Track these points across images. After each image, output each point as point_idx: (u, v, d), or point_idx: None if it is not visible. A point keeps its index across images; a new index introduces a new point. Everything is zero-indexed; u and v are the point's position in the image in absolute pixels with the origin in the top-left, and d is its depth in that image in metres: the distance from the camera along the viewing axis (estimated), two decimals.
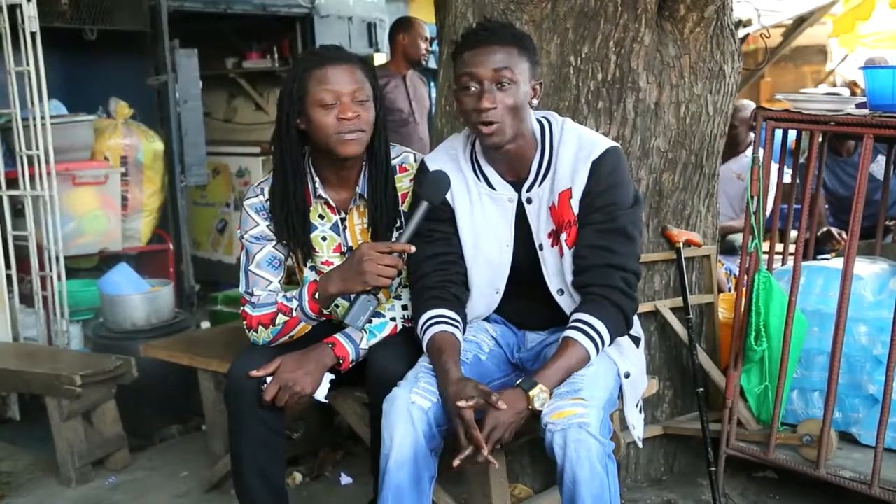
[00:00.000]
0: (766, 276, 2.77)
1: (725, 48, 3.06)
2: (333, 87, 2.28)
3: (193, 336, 3.59)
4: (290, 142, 2.35)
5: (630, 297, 2.21)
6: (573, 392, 2.05)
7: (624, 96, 2.90)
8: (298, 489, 3.16)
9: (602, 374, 2.17)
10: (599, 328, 2.14)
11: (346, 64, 2.31)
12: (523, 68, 2.17)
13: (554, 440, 1.98)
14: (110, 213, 4.58)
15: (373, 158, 2.40)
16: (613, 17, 2.86)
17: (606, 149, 2.22)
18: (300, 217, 2.41)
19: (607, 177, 2.20)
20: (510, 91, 2.15)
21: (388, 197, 2.43)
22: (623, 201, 2.22)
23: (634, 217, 2.27)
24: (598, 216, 2.21)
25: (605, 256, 2.18)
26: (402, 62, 5.20)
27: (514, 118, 2.17)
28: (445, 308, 2.26)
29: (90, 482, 3.37)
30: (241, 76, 7.05)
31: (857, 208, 2.54)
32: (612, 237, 2.20)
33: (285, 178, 2.38)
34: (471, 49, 2.17)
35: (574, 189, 2.22)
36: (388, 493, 2.07)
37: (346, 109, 2.28)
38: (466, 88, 2.17)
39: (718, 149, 3.16)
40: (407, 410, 2.09)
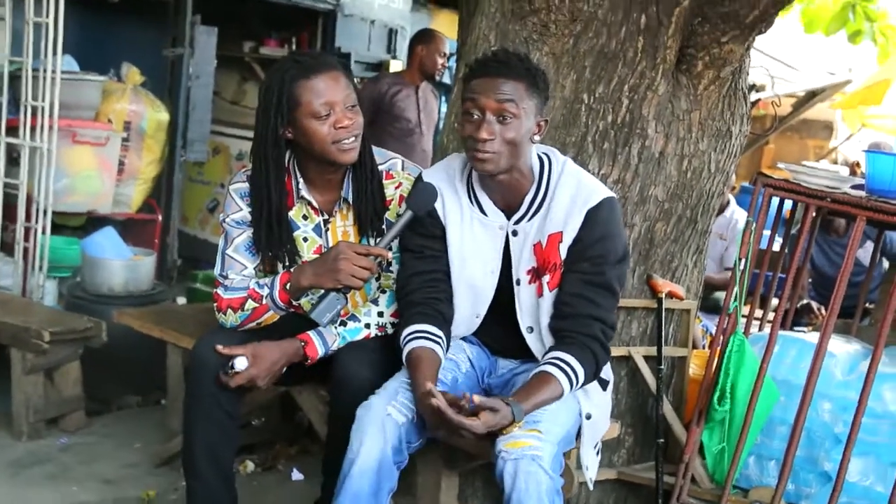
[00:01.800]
0: (741, 338, 2.79)
1: (736, 109, 3.09)
2: (326, 97, 2.27)
3: (168, 309, 3.58)
4: (275, 151, 2.33)
5: (605, 350, 2.24)
6: (531, 423, 2.06)
7: (630, 141, 2.92)
8: (249, 478, 3.15)
9: (563, 410, 2.18)
10: (577, 370, 2.16)
11: (334, 71, 2.31)
12: (529, 104, 2.17)
13: (505, 468, 1.99)
14: (105, 175, 4.57)
15: (359, 163, 2.39)
16: (632, 62, 2.88)
17: (603, 199, 2.23)
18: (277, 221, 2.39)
19: (601, 227, 2.22)
20: (511, 125, 2.15)
21: (375, 202, 2.43)
22: (612, 254, 2.24)
23: (620, 272, 2.29)
24: (586, 266, 2.22)
25: (588, 307, 2.20)
26: (417, 73, 5.22)
27: (511, 152, 2.17)
28: (428, 324, 2.27)
29: (41, 439, 3.35)
30: (255, 61, 7.06)
31: (839, 287, 2.57)
32: (598, 290, 2.21)
33: (268, 189, 2.35)
34: (481, 77, 2.18)
35: (565, 234, 2.23)
36: (345, 498, 2.06)
37: (342, 118, 2.28)
38: (469, 114, 2.18)
39: (714, 207, 3.19)
40: (381, 421, 2.09)
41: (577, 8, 2.87)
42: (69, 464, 3.17)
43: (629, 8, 2.86)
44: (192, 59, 5.01)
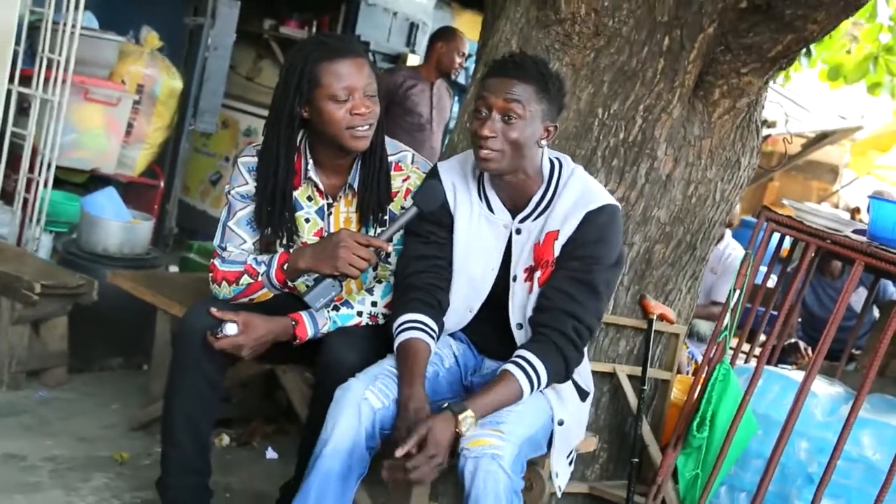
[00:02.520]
0: (727, 368, 2.81)
1: (747, 142, 3.11)
2: (347, 81, 2.27)
3: (162, 276, 3.59)
4: (289, 129, 2.34)
5: (577, 349, 2.22)
6: (494, 423, 2.07)
7: (639, 160, 2.93)
8: (223, 451, 3.15)
9: (530, 413, 2.18)
10: (539, 369, 2.15)
11: (358, 57, 2.31)
12: (537, 108, 2.18)
13: (466, 466, 2.00)
14: (112, 135, 4.57)
15: (369, 151, 2.40)
16: (650, 82, 2.90)
17: (605, 204, 2.24)
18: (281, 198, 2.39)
19: (597, 230, 2.22)
20: (515, 125, 2.16)
21: (381, 191, 2.44)
22: (604, 258, 2.23)
23: (609, 276, 2.27)
24: (575, 264, 2.22)
25: (565, 302, 2.20)
26: (433, 69, 5.22)
27: (514, 152, 2.19)
28: (426, 315, 2.28)
29: (20, 390, 3.34)
30: (274, 40, 7.05)
31: (830, 330, 2.59)
32: (580, 287, 2.21)
33: (276, 165, 2.35)
34: (494, 76, 2.20)
35: (561, 232, 2.24)
36: (315, 477, 2.07)
37: (360, 105, 2.28)
38: (478, 111, 2.20)
39: (715, 236, 3.21)
40: (357, 404, 2.10)
41: (602, 23, 2.88)
42: (46, 417, 3.17)
43: (654, 28, 2.87)
44: (213, 30, 5.01)
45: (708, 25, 2.83)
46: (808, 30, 2.69)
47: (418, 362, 2.19)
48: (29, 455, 2.84)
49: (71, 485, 2.71)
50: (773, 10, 2.66)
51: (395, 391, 2.16)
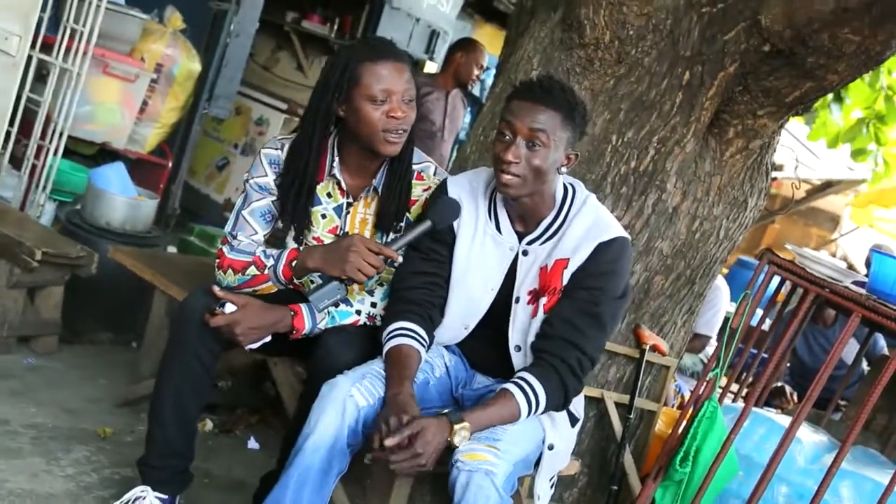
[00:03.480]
0: (715, 406, 2.82)
1: (756, 183, 3.13)
2: (387, 84, 2.29)
3: (162, 256, 3.59)
4: (324, 124, 2.36)
5: (578, 380, 2.23)
6: (491, 440, 2.08)
7: (648, 191, 2.95)
8: (206, 436, 3.15)
9: (526, 435, 2.19)
10: (539, 394, 2.16)
11: (401, 62, 2.33)
12: (562, 136, 2.19)
13: (458, 478, 2.00)
14: (126, 111, 4.57)
15: (398, 157, 2.42)
16: (667, 114, 2.92)
17: (616, 236, 2.25)
18: (306, 193, 2.42)
19: (607, 263, 2.23)
20: (539, 153, 2.17)
21: (402, 199, 2.45)
22: (611, 291, 2.25)
23: (616, 309, 2.29)
24: (583, 294, 2.23)
25: (571, 333, 2.21)
26: (450, 79, 5.23)
27: (536, 178, 2.20)
28: (416, 324, 2.29)
29: (9, 354, 3.35)
30: (295, 32, 7.08)
31: (820, 379, 2.60)
32: (586, 319, 2.22)
33: (307, 158, 2.38)
34: (521, 100, 2.20)
35: (571, 261, 2.24)
36: (295, 470, 2.07)
37: (397, 109, 2.30)
38: (502, 134, 2.21)
39: (715, 273, 3.22)
40: (342, 401, 2.11)
41: (625, 51, 2.90)
42: (33, 385, 3.17)
43: (675, 62, 2.89)
44: (236, 17, 5.03)
45: (730, 65, 2.85)
46: (828, 80, 2.71)
47: (407, 365, 2.19)
48: (12, 420, 2.84)
49: (52, 454, 2.71)
50: (795, 56, 2.68)
51: (381, 391, 2.16)
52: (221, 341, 2.34)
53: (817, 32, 2.54)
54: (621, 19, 2.84)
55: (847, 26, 2.48)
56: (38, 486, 2.52)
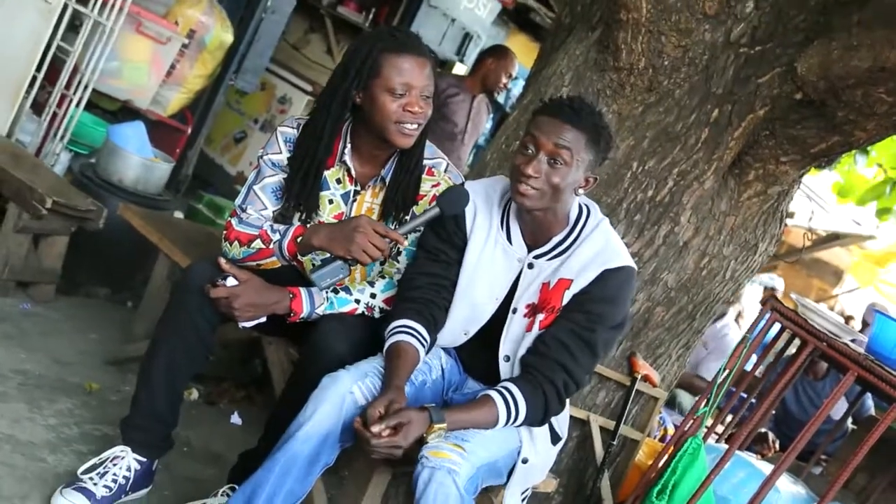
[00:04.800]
0: (698, 443, 2.82)
1: (769, 228, 3.13)
2: (407, 78, 2.28)
3: (170, 220, 3.59)
4: (340, 109, 2.36)
5: (560, 402, 2.24)
6: (458, 439, 2.08)
7: (661, 221, 2.95)
8: (190, 405, 3.15)
9: (496, 441, 2.19)
10: (520, 406, 2.17)
11: (423, 57, 2.33)
12: (584, 157, 2.19)
13: (421, 474, 2.01)
14: (154, 72, 4.57)
15: (408, 150, 2.42)
16: (690, 149, 2.92)
17: (624, 265, 2.25)
18: (314, 175, 2.42)
19: (610, 290, 2.23)
20: (559, 170, 2.17)
21: (410, 191, 2.45)
22: (609, 319, 2.25)
23: (609, 337, 2.29)
24: (580, 318, 2.23)
25: (561, 354, 2.21)
26: (478, 83, 5.23)
27: (552, 195, 2.20)
28: (419, 324, 2.29)
29: (7, 297, 3.35)
30: (329, 16, 7.08)
31: (807, 432, 2.60)
32: (579, 343, 2.22)
33: (318, 141, 2.38)
34: (548, 116, 2.20)
35: (574, 283, 2.24)
36: (282, 456, 2.07)
37: (414, 104, 2.30)
38: (525, 147, 2.20)
39: (716, 312, 3.23)
40: (342, 396, 2.11)
41: (658, 80, 2.91)
42: (26, 331, 3.17)
43: (706, 98, 2.90)
44: None
45: (760, 108, 2.85)
46: (856, 136, 2.71)
47: (405, 363, 2.20)
48: (1, 363, 2.85)
49: (36, 402, 2.72)
50: (826, 108, 2.68)
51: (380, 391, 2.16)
52: (220, 313, 2.35)
53: (851, 88, 2.54)
54: (658, 48, 2.84)
55: (882, 86, 2.48)
56: (19, 432, 2.52)
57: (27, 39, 3.88)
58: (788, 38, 2.80)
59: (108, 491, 2.33)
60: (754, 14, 2.82)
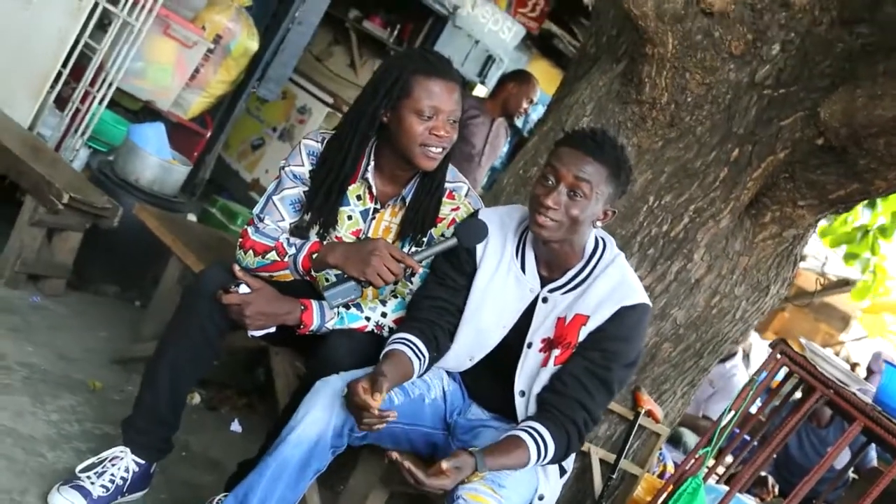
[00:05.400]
0: (699, 483, 2.80)
1: (781, 271, 3.12)
2: (436, 101, 2.29)
3: (185, 223, 3.59)
4: (367, 127, 2.36)
5: (580, 439, 2.23)
6: (496, 484, 2.07)
7: (674, 257, 2.95)
8: (191, 410, 3.14)
9: (525, 483, 2.19)
10: (549, 447, 2.16)
11: (453, 82, 2.34)
12: (604, 190, 2.19)
13: None
14: (178, 75, 4.60)
15: (431, 173, 2.42)
16: (708, 186, 2.92)
17: (640, 303, 2.24)
18: (337, 191, 2.42)
19: (626, 329, 2.22)
20: (579, 203, 2.16)
21: (429, 213, 2.46)
22: (625, 357, 2.24)
23: (625, 375, 2.28)
24: (596, 356, 2.22)
25: (581, 394, 2.20)
26: (498, 107, 5.24)
27: (570, 227, 2.19)
28: (418, 339, 2.29)
29: (16, 289, 3.36)
30: (354, 30, 7.12)
31: (811, 478, 2.58)
32: (595, 382, 2.21)
33: (344, 157, 2.39)
34: (571, 147, 2.19)
35: (591, 319, 2.23)
36: (273, 461, 2.07)
37: (441, 128, 2.31)
38: (545, 178, 2.20)
39: (723, 352, 3.21)
40: (332, 400, 2.11)
41: (680, 116, 2.91)
42: (34, 324, 3.18)
43: (727, 137, 2.90)
44: (303, 5, 5.06)
45: (780, 150, 2.85)
46: (876, 184, 2.71)
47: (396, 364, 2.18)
48: (8, 355, 2.85)
49: (40, 396, 2.72)
50: (847, 155, 2.68)
51: None
52: (229, 320, 2.35)
53: (874, 136, 2.54)
54: (682, 84, 2.85)
55: None
56: (21, 425, 2.52)
57: (55, 35, 3.91)
58: (813, 82, 2.81)
59: (105, 491, 2.32)
60: (780, 56, 2.82)
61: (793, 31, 2.78)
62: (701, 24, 2.73)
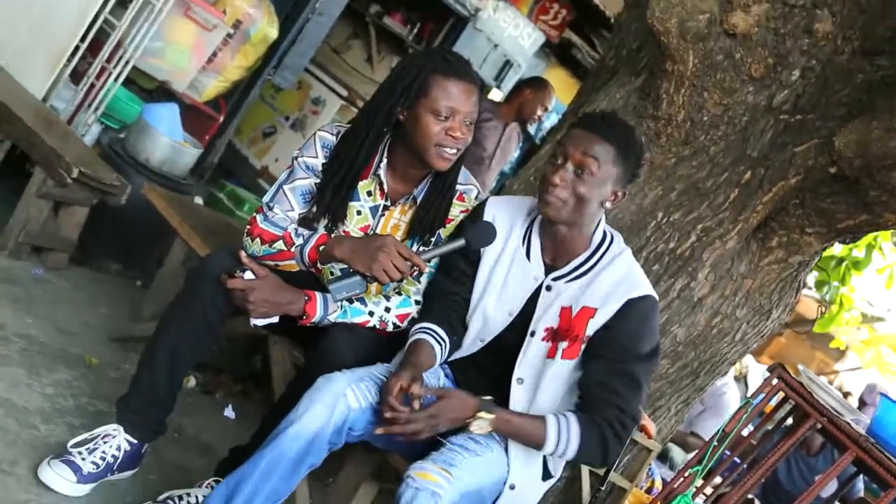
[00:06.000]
0: (687, 502, 2.79)
1: (784, 296, 3.12)
2: (454, 102, 2.30)
3: (192, 206, 3.60)
4: (383, 124, 2.37)
5: (619, 438, 2.20)
6: (446, 464, 2.06)
7: (679, 275, 2.94)
8: (186, 393, 3.14)
9: (483, 468, 2.17)
10: (573, 436, 2.15)
11: (472, 85, 2.34)
12: (612, 170, 2.19)
13: (404, 493, 1.99)
14: (195, 57, 4.60)
15: (444, 173, 2.43)
16: (717, 207, 2.91)
17: (646, 294, 2.23)
18: (347, 185, 2.42)
19: (634, 322, 2.22)
20: (585, 180, 2.17)
21: (439, 214, 2.46)
22: (639, 350, 2.23)
23: (647, 367, 2.26)
24: (611, 353, 2.21)
25: (608, 395, 2.19)
26: (513, 112, 5.24)
27: (577, 206, 2.20)
28: (437, 325, 2.34)
29: (19, 260, 3.37)
30: (374, 25, 7.12)
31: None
32: (621, 380, 2.20)
33: (357, 152, 2.39)
34: (580, 129, 2.22)
35: (598, 314, 2.22)
36: (269, 453, 2.06)
37: (457, 129, 2.31)
38: (554, 157, 2.22)
39: (721, 373, 3.21)
40: (335, 398, 2.10)
41: (695, 134, 2.91)
42: (35, 296, 3.18)
43: (740, 159, 2.89)
44: None
45: (792, 176, 2.84)
46: (885, 217, 2.70)
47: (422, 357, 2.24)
48: (7, 326, 2.86)
49: (36, 369, 2.72)
50: (859, 186, 2.68)
51: (375, 397, 2.17)
52: (232, 305, 2.34)
53: (887, 169, 2.53)
54: (700, 103, 2.84)
55: None
56: (16, 396, 2.52)
57: (75, 9, 3.92)
58: (830, 111, 2.80)
59: (96, 468, 2.32)
60: (799, 83, 2.82)
61: (814, 59, 2.78)
62: (723, 45, 2.73)
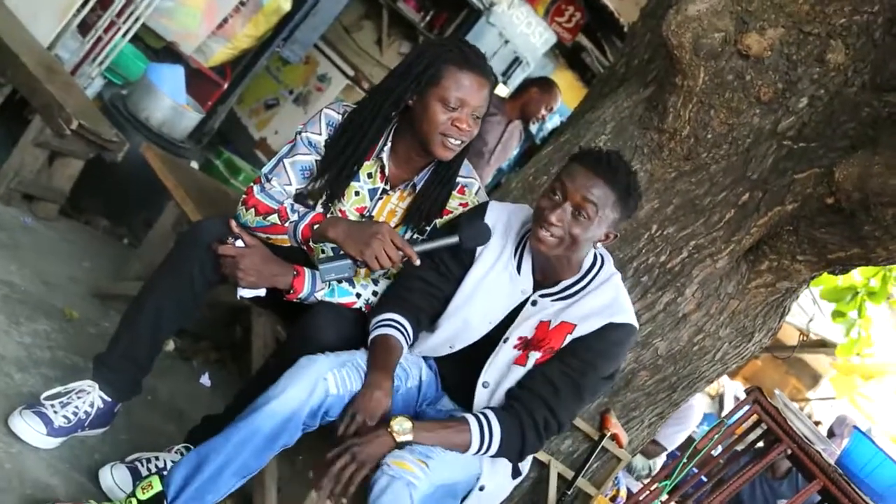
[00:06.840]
0: None
1: (768, 321, 3.13)
2: (464, 94, 2.29)
3: (188, 170, 3.58)
4: (391, 109, 2.36)
5: (539, 438, 2.22)
6: (423, 455, 2.07)
7: (666, 289, 2.95)
8: (163, 356, 3.11)
9: (459, 465, 2.18)
10: (495, 435, 2.16)
11: (484, 79, 2.33)
12: (609, 215, 2.19)
13: (379, 479, 1.99)
14: (206, 22, 4.58)
15: (446, 164, 2.42)
16: (712, 226, 2.91)
17: (628, 323, 2.25)
18: (350, 166, 2.42)
19: (608, 343, 2.23)
20: (582, 224, 2.17)
21: (437, 204, 2.45)
22: (601, 369, 2.25)
23: (598, 387, 2.29)
24: (574, 363, 2.23)
25: (548, 393, 2.21)
26: (517, 109, 5.23)
27: (571, 245, 2.20)
28: (404, 319, 2.30)
29: (10, 206, 3.35)
30: (388, 9, 7.09)
31: None
32: (568, 388, 2.22)
33: (363, 133, 2.38)
34: (581, 165, 2.19)
35: (577, 329, 2.24)
36: (244, 426, 2.06)
37: (463, 121, 2.30)
38: (553, 192, 2.20)
39: (698, 390, 3.22)
40: (315, 380, 2.10)
41: (697, 151, 2.91)
42: (21, 244, 3.16)
43: (740, 180, 2.89)
44: None
45: (789, 202, 2.84)
46: (877, 252, 2.71)
47: (391, 357, 2.21)
48: None
49: (15, 317, 2.70)
50: (855, 219, 2.69)
51: (354, 384, 2.16)
52: (219, 273, 2.34)
53: (884, 206, 2.54)
54: (705, 120, 2.84)
55: None
56: None
57: None
58: (834, 141, 2.81)
59: (67, 422, 2.31)
60: (806, 111, 2.82)
61: (823, 88, 2.78)
62: (735, 65, 2.73)
